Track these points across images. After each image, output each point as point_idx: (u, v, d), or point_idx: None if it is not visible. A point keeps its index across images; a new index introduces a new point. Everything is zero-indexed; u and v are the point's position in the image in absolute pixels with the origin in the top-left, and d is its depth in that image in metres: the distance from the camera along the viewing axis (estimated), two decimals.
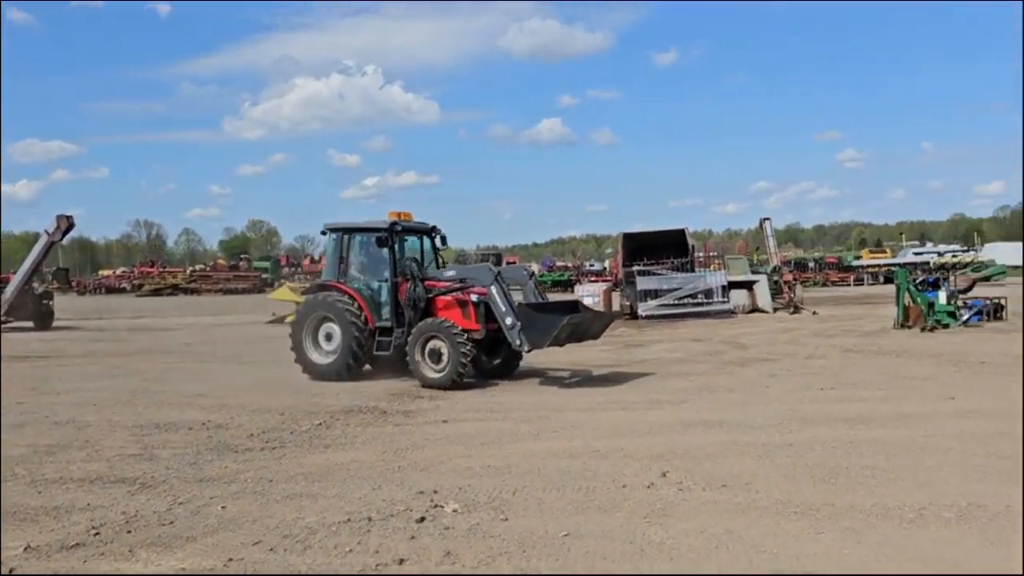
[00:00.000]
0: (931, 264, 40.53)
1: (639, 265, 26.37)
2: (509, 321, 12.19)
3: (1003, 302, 21.61)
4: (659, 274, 26.18)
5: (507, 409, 10.17)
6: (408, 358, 12.37)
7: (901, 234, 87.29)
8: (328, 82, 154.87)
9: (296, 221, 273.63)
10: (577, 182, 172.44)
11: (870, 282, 47.24)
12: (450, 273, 13.57)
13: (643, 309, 25.26)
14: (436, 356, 12.11)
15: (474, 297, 12.68)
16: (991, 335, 18.11)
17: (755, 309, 26.59)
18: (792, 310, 26.31)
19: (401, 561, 4.87)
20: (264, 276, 64.74)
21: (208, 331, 25.46)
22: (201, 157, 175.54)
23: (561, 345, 12.57)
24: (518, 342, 12.19)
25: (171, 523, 5.67)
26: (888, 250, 68.09)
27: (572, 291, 31.84)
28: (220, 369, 15.44)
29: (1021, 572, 4.41)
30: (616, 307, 27.57)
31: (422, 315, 12.70)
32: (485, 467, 7.12)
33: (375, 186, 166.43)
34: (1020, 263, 30.64)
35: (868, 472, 6.71)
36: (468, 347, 11.98)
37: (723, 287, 25.85)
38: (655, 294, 25.54)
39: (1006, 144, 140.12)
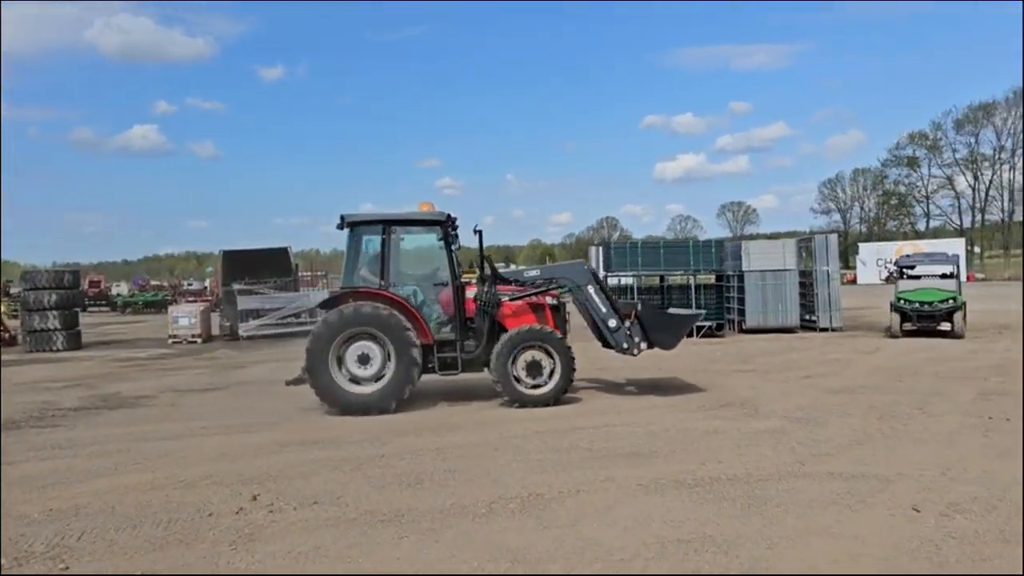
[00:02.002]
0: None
1: (240, 284, 25.41)
2: (613, 324, 11.46)
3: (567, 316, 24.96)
4: (261, 293, 25.52)
5: (79, 445, 9.06)
6: (494, 373, 10.77)
7: (489, 256, 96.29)
8: None
9: None
10: (176, 195, 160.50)
11: None
12: (532, 273, 12.17)
13: (244, 329, 24.40)
14: (535, 369, 10.82)
15: (550, 300, 11.57)
16: None
17: None
18: None
19: None
20: None
21: None
22: None
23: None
24: (625, 345, 11.44)
25: None
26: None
27: (165, 311, 29.45)
28: None
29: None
30: (216, 329, 26.35)
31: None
32: (46, 512, 6.26)
33: None
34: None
35: (450, 475, 7.25)
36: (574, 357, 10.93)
37: None
38: (257, 314, 24.85)
39: (573, 180, 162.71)
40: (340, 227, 11.18)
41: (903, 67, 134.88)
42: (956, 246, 57.38)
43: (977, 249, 78.58)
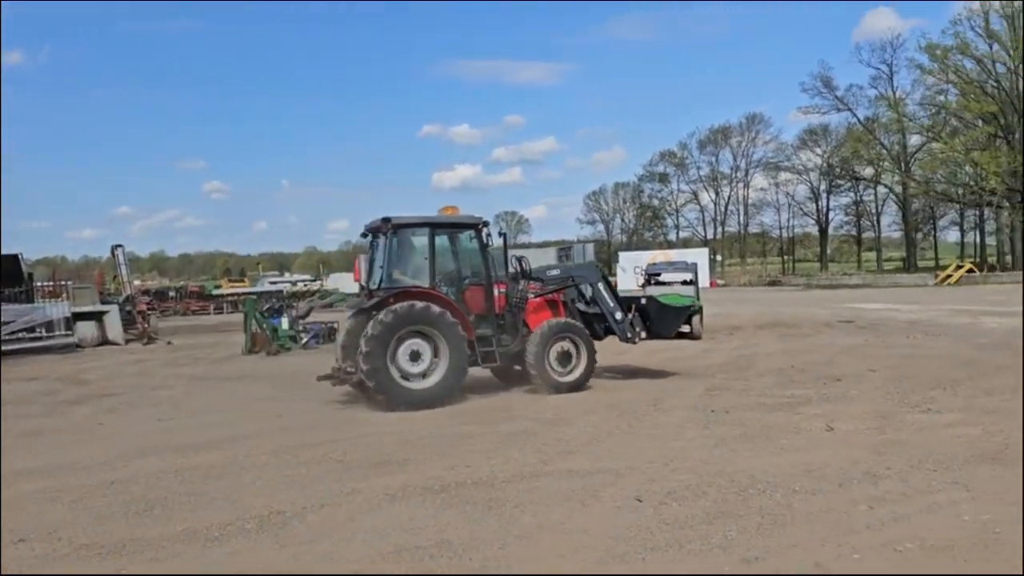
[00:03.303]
0: (284, 292, 43.72)
1: None
2: (619, 316, 12.88)
3: (336, 325, 24.51)
4: None
5: None
6: (531, 364, 11.71)
7: (258, 264, 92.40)
8: None
9: None
10: None
11: (230, 310, 48.55)
12: (554, 272, 13.41)
13: None
14: (565, 358, 11.93)
15: (562, 296, 12.83)
16: (323, 355, 20.28)
17: (105, 341, 25.01)
18: (146, 341, 25.48)
19: None
20: None
21: None
22: None
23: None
24: (628, 335, 12.88)
25: None
26: (247, 279, 71.33)
27: None
28: None
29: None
30: None
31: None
32: None
33: None
34: (354, 291, 35.17)
35: (187, 498, 6.81)
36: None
37: (67, 319, 23.72)
38: None
39: (351, 186, 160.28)
40: (384, 231, 11.57)
41: (658, 91, 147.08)
42: (702, 255, 63.35)
43: (719, 258, 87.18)
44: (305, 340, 21.91)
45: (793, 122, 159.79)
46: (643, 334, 13.11)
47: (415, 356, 11.03)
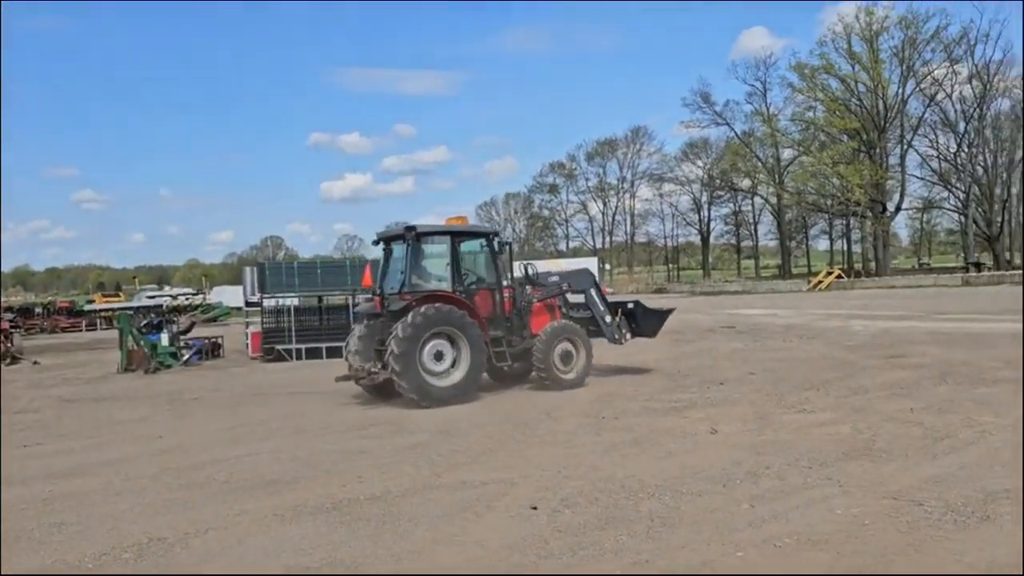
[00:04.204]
0: (164, 307, 41.84)
1: None
2: (608, 319, 13.85)
3: (220, 340, 23.66)
4: None
5: None
6: (540, 364, 12.51)
7: (135, 278, 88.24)
8: None
9: None
10: None
11: (104, 327, 45.97)
12: (554, 278, 13.89)
13: None
14: (567, 357, 12.74)
15: (558, 301, 13.69)
16: (206, 372, 19.55)
17: None
18: (9, 361, 23.82)
19: None
20: None
21: None
22: None
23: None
24: (616, 336, 13.92)
25: None
26: (123, 294, 67.88)
27: None
28: None
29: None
30: None
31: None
32: None
33: None
34: (239, 305, 33.99)
35: (57, 529, 6.40)
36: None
37: None
38: None
39: (235, 196, 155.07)
40: (406, 239, 12.09)
41: (548, 101, 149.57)
42: (591, 264, 64.60)
43: (608, 266, 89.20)
44: (187, 357, 20.99)
45: (676, 135, 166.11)
46: (628, 335, 14.30)
47: (439, 356, 11.81)
